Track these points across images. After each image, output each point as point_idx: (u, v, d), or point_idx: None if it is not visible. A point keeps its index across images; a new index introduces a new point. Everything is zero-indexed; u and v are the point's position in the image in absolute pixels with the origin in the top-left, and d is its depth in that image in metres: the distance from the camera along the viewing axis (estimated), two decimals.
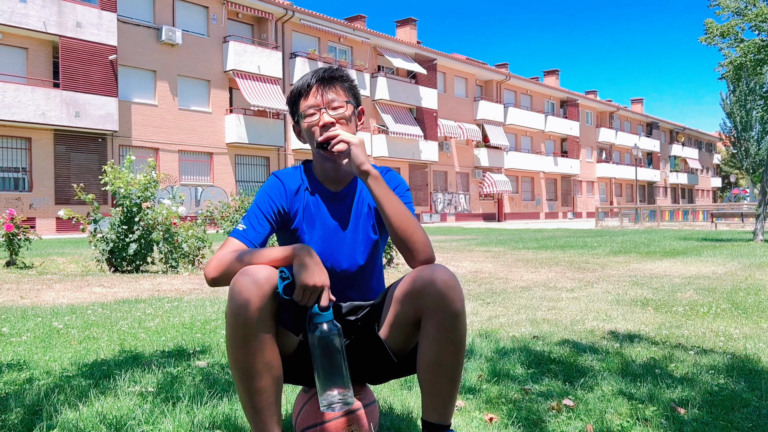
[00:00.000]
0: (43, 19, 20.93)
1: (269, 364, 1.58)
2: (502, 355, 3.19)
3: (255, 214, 1.79)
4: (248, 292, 1.52)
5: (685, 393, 2.51)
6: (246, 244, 1.73)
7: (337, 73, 1.84)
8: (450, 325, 1.60)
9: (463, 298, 1.64)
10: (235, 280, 1.55)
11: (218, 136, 26.57)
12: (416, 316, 1.64)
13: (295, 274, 1.56)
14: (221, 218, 10.69)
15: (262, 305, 1.52)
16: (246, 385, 1.59)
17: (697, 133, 69.46)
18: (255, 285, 1.52)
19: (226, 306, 1.56)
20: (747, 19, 14.17)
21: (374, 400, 1.90)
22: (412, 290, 1.62)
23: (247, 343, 1.54)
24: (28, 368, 2.95)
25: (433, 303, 1.59)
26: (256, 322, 1.53)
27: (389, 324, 1.71)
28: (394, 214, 1.68)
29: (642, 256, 10.25)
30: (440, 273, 1.60)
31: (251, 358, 1.55)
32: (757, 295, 5.48)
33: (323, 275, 1.57)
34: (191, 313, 4.60)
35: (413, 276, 1.64)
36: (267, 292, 1.53)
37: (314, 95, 1.79)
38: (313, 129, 1.79)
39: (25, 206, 20.85)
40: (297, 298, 1.56)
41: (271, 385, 1.59)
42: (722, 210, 27.94)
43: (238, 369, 1.58)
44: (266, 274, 1.55)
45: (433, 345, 1.61)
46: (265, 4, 27.51)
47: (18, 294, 5.96)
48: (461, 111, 39.03)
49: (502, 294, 5.83)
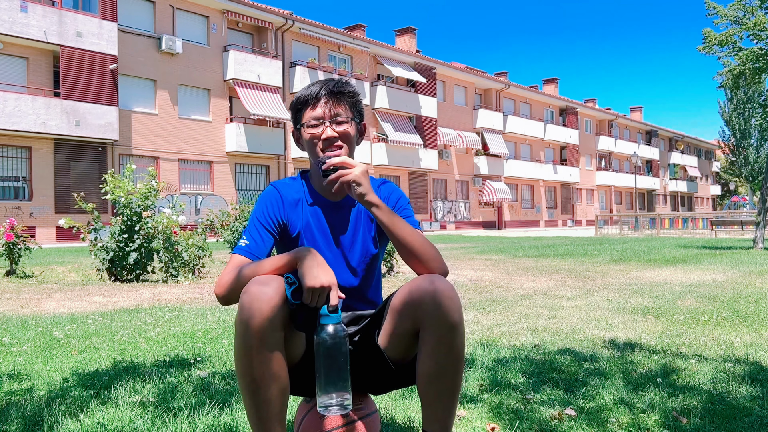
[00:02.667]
0: (43, 29, 20.99)
1: (276, 374, 1.57)
2: (503, 364, 3.19)
3: (255, 227, 1.79)
4: (257, 302, 1.51)
5: (687, 402, 2.51)
6: (250, 258, 1.73)
7: (345, 87, 1.83)
8: (448, 337, 1.59)
9: (461, 309, 1.63)
10: (244, 291, 1.55)
11: (218, 145, 26.60)
12: (414, 327, 1.63)
13: (300, 277, 1.56)
14: (221, 227, 10.67)
15: (271, 316, 1.52)
16: (252, 395, 1.58)
17: (696, 141, 69.56)
18: (264, 295, 1.52)
19: (236, 316, 1.56)
20: (745, 27, 14.23)
21: (375, 410, 1.89)
22: (410, 301, 1.62)
23: (255, 354, 1.54)
24: (29, 378, 2.95)
25: (430, 314, 1.58)
26: (265, 332, 1.52)
27: (388, 334, 1.71)
28: (401, 237, 1.69)
29: (642, 264, 10.25)
30: (438, 284, 1.59)
31: (259, 368, 1.55)
32: (758, 303, 5.48)
33: (329, 274, 1.56)
34: (192, 323, 4.59)
35: (411, 287, 1.63)
36: (276, 302, 1.53)
37: (321, 107, 1.79)
38: (314, 141, 1.79)
39: (25, 215, 20.84)
40: (306, 301, 1.55)
41: (278, 395, 1.59)
42: (722, 218, 27.96)
43: (245, 379, 1.57)
44: (274, 284, 1.55)
45: (432, 356, 1.61)
46: (265, 13, 27.61)
47: (18, 303, 5.95)
48: (461, 119, 39.10)
49: (503, 302, 5.83)
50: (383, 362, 1.74)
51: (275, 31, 28.55)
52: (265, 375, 1.56)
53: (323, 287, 1.54)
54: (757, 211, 15.15)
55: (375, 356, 1.75)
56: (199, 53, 25.97)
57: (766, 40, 14.21)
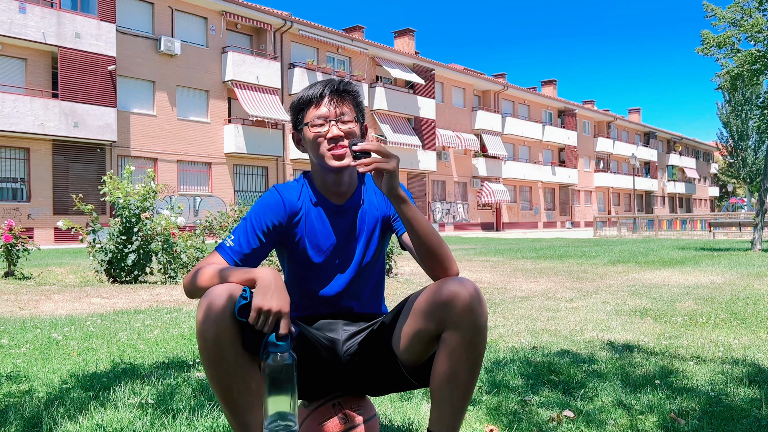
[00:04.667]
0: (42, 30, 20.98)
1: (247, 382, 1.55)
2: (502, 366, 3.19)
3: (245, 229, 1.74)
4: (212, 314, 1.49)
5: (685, 404, 2.51)
6: (228, 261, 1.69)
7: (350, 87, 1.81)
8: (473, 339, 1.58)
9: (487, 313, 1.63)
10: (200, 303, 1.53)
11: (217, 146, 26.60)
12: (438, 328, 1.61)
13: (253, 295, 1.51)
14: (220, 228, 10.66)
15: (225, 327, 1.49)
16: (226, 403, 1.56)
17: (694, 143, 69.65)
18: (216, 308, 1.49)
19: (195, 327, 1.55)
20: (743, 29, 14.26)
21: (375, 413, 1.89)
22: (438, 302, 1.59)
23: (216, 366, 1.52)
24: (28, 380, 2.95)
25: (458, 315, 1.56)
26: (222, 345, 1.50)
27: (408, 336, 1.67)
28: (424, 234, 1.65)
29: (640, 266, 10.26)
30: (468, 286, 1.58)
31: (225, 379, 1.53)
32: (755, 305, 5.49)
33: (282, 301, 1.50)
34: (190, 324, 4.59)
35: (437, 288, 1.61)
36: (230, 315, 1.50)
37: (326, 105, 1.76)
38: (319, 140, 1.75)
39: (24, 216, 20.82)
40: (251, 322, 1.49)
41: (253, 402, 1.56)
42: (720, 219, 27.98)
43: (215, 389, 1.56)
44: (228, 295, 1.51)
45: (452, 357, 1.59)
46: (264, 14, 27.62)
47: (17, 305, 5.94)
48: (459, 121, 39.13)
49: (501, 304, 5.83)
50: (392, 365, 1.72)
51: (274, 32, 28.55)
52: (234, 384, 1.54)
53: (270, 311, 1.48)
54: (755, 213, 15.17)
55: (382, 359, 1.73)
56: (198, 54, 25.97)
57: (763, 42, 14.24)
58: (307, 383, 1.73)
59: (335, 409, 1.81)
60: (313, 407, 1.82)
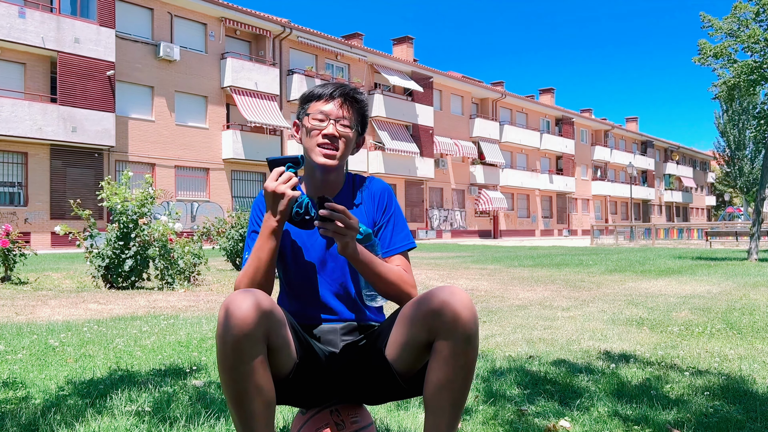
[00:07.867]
0: (41, 35, 21.01)
1: (261, 388, 1.56)
2: (498, 375, 3.20)
3: (253, 239, 1.84)
4: (233, 318, 1.50)
5: (681, 415, 2.52)
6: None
7: (360, 96, 1.88)
8: (463, 347, 1.59)
9: (478, 321, 1.64)
10: (224, 305, 1.54)
11: (215, 152, 26.61)
12: (429, 336, 1.62)
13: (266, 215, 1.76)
14: (217, 234, 10.67)
15: (247, 330, 1.50)
16: (238, 408, 1.57)
17: (691, 152, 69.87)
18: (239, 310, 1.50)
19: (216, 330, 1.56)
20: (740, 40, 14.35)
21: (371, 422, 1.90)
22: (428, 311, 1.60)
23: (234, 369, 1.53)
24: (24, 386, 2.94)
25: (449, 324, 1.57)
26: (242, 347, 1.51)
27: (399, 344, 1.69)
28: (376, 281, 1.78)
29: (637, 275, 10.27)
30: (458, 294, 1.60)
31: (241, 383, 1.54)
32: (752, 315, 5.50)
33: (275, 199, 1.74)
34: (187, 331, 4.59)
35: (428, 297, 1.63)
36: (253, 317, 1.51)
37: (332, 104, 1.82)
38: (314, 132, 1.82)
39: (21, 221, 20.78)
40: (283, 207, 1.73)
41: (263, 409, 1.57)
42: (717, 229, 28.05)
43: (228, 393, 1.57)
44: (251, 297, 1.53)
45: (444, 365, 1.60)
46: (263, 21, 27.70)
47: (13, 310, 5.93)
48: (457, 128, 39.21)
49: (498, 313, 5.84)
50: (387, 373, 1.74)
51: (273, 39, 28.63)
52: (248, 389, 1.55)
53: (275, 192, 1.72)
54: (751, 223, 15.21)
55: (379, 367, 1.74)
56: (197, 60, 26.02)
57: (760, 53, 14.32)
58: (304, 390, 1.74)
59: (332, 416, 1.82)
60: (310, 414, 1.83)
